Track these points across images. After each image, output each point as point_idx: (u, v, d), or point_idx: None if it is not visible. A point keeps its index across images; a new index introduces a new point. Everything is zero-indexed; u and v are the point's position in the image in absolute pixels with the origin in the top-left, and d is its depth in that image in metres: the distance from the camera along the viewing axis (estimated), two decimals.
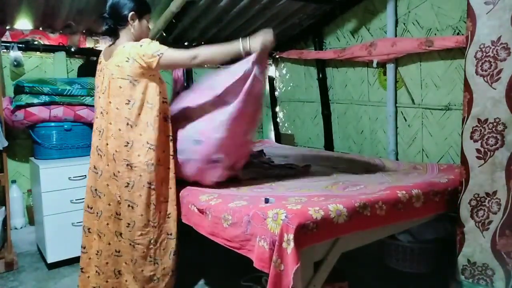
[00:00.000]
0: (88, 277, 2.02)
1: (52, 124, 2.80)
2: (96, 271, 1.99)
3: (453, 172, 2.26)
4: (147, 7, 2.06)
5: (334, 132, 3.77)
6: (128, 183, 1.90)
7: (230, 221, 1.69)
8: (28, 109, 2.70)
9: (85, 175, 2.68)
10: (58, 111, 2.78)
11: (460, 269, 1.95)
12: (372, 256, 2.56)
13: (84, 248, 2.03)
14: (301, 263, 1.40)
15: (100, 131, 1.99)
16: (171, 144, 2.01)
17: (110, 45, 2.05)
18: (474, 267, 1.91)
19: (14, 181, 3.04)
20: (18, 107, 2.68)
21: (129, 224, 1.91)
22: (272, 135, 4.50)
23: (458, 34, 2.60)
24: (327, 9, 3.44)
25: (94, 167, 2.02)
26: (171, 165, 2.02)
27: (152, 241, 1.95)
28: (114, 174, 1.93)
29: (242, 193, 1.98)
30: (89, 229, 2.02)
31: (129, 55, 1.85)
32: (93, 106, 2.85)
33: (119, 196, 1.92)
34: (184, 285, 2.11)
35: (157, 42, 1.89)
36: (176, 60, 1.87)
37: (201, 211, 1.91)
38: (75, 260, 2.70)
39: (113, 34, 1.99)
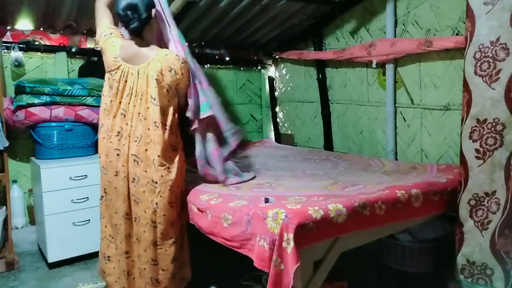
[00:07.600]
0: (134, 278, 2.05)
1: (53, 124, 2.80)
2: (140, 273, 2.02)
3: (452, 172, 2.26)
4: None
5: (333, 132, 3.78)
6: (171, 186, 1.95)
7: (230, 221, 1.70)
8: (29, 109, 2.71)
9: (86, 175, 2.71)
10: (59, 111, 2.79)
11: (459, 269, 1.96)
12: (372, 255, 2.56)
13: (127, 253, 2.03)
14: (301, 262, 1.41)
15: (137, 138, 1.92)
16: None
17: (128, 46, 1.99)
18: (473, 266, 1.92)
19: (15, 181, 3.06)
20: (19, 107, 2.69)
21: (173, 223, 1.99)
22: (272, 135, 4.51)
23: (457, 34, 2.61)
24: (326, 10, 3.45)
25: (116, 172, 1.97)
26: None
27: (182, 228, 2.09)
28: (152, 181, 1.91)
29: (242, 192, 1.99)
30: (129, 234, 2.02)
31: (173, 66, 1.92)
32: (93, 106, 2.86)
33: (156, 204, 1.92)
34: None
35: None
36: None
37: (201, 211, 1.92)
38: (75, 260, 2.71)
39: (139, 34, 1.98)
